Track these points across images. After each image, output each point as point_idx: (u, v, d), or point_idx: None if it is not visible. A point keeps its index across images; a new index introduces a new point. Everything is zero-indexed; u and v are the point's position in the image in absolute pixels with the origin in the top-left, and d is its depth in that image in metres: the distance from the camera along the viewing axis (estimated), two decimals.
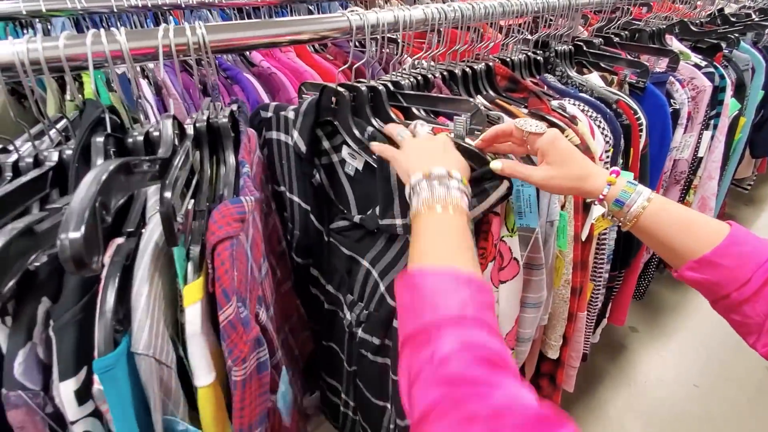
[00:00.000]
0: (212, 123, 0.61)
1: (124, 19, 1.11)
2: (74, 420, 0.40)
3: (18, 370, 0.38)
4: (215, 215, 0.46)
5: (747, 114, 1.48)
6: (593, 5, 1.09)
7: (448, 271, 0.42)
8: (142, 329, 0.40)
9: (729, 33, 1.45)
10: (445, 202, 0.48)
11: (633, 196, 0.51)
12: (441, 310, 0.38)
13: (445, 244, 0.45)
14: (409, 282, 0.42)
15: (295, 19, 0.71)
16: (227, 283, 0.44)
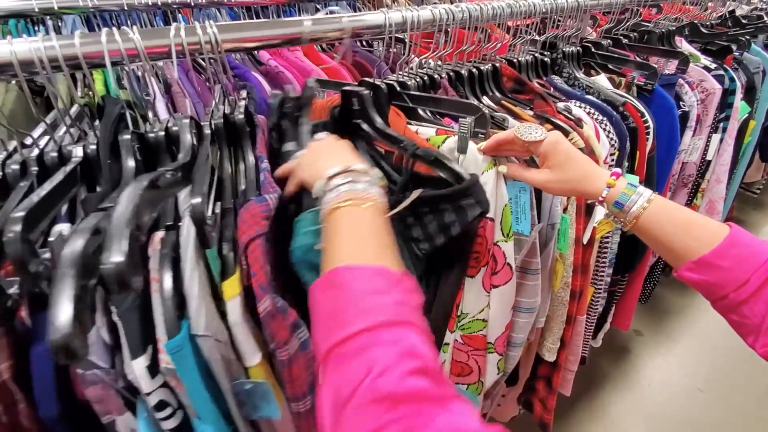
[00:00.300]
0: (229, 118, 0.62)
1: (134, 17, 1.13)
2: (149, 391, 0.45)
3: (91, 351, 0.43)
4: (244, 215, 0.48)
5: (757, 117, 1.46)
6: (602, 6, 1.09)
7: (377, 269, 0.37)
8: (200, 313, 0.45)
9: (740, 35, 1.43)
10: (368, 196, 0.45)
11: (633, 197, 0.51)
12: (373, 314, 0.34)
13: (370, 242, 0.41)
14: (333, 281, 0.37)
15: (304, 19, 0.71)
16: (263, 278, 0.46)
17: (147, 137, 0.55)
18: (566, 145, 0.57)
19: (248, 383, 0.50)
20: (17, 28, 1.13)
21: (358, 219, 0.43)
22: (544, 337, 0.84)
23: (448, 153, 0.66)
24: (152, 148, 0.56)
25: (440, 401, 0.29)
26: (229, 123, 0.62)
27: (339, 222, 0.43)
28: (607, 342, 1.37)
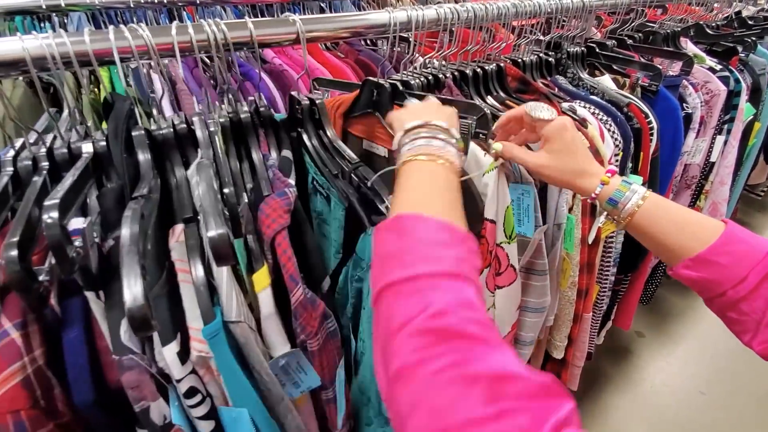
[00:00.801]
0: (233, 117, 0.63)
1: (139, 14, 1.13)
2: (180, 378, 0.46)
3: (125, 338, 0.43)
4: (266, 210, 0.49)
5: (762, 119, 1.45)
6: (607, 7, 1.08)
7: (445, 223, 0.37)
8: (231, 300, 0.46)
9: (746, 36, 1.43)
10: (442, 155, 0.45)
11: (627, 194, 0.51)
12: (436, 262, 0.34)
13: (441, 197, 0.41)
14: (399, 226, 0.38)
15: (309, 18, 0.71)
16: (292, 269, 0.48)
17: (155, 135, 0.56)
18: (573, 133, 0.56)
19: (281, 359, 0.51)
20: (23, 25, 1.13)
21: (431, 173, 0.43)
22: (552, 334, 0.85)
23: None
24: (160, 146, 0.56)
25: (493, 345, 0.30)
26: (235, 121, 0.63)
27: (412, 173, 0.44)
28: (609, 343, 1.37)
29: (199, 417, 0.49)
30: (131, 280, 0.35)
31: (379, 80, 0.73)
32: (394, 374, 0.30)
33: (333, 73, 1.12)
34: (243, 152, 0.63)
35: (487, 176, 0.61)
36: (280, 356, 0.50)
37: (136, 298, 0.34)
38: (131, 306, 0.34)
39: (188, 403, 0.48)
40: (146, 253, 0.40)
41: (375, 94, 0.73)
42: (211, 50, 0.56)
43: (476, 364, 0.28)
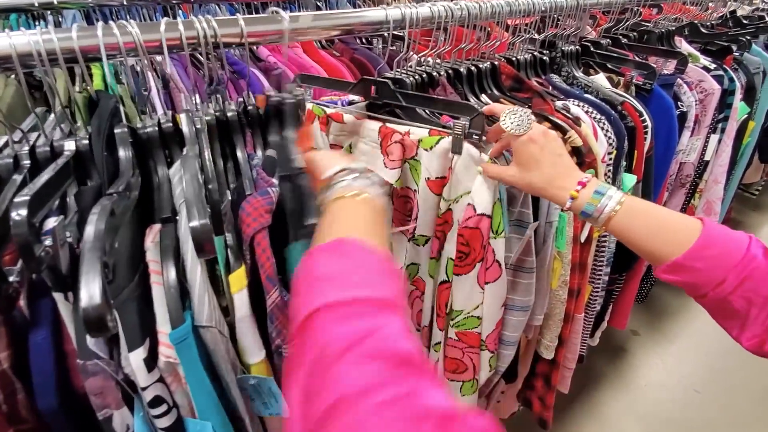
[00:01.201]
0: (219, 115, 0.62)
1: (133, 12, 1.13)
2: (145, 386, 0.44)
3: (90, 341, 0.42)
4: (247, 208, 0.48)
5: (756, 118, 1.46)
6: (601, 6, 1.09)
7: (386, 255, 0.37)
8: (203, 304, 0.44)
9: (740, 35, 1.43)
10: (369, 192, 0.45)
11: (598, 206, 0.52)
12: (382, 289, 0.33)
13: (376, 231, 0.40)
14: (341, 249, 0.36)
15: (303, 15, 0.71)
16: (270, 269, 0.47)
17: (139, 132, 0.55)
18: (537, 147, 0.56)
19: (252, 378, 0.50)
20: (18, 23, 1.13)
21: (363, 209, 0.43)
22: (542, 334, 0.85)
23: (442, 153, 0.67)
24: (144, 145, 0.55)
25: (436, 381, 0.28)
26: (221, 120, 0.61)
27: (343, 209, 0.43)
28: (604, 341, 1.37)
29: (163, 428, 0.47)
30: (89, 277, 0.33)
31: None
32: (330, 406, 0.26)
33: (328, 71, 1.12)
34: (228, 151, 0.62)
35: (481, 175, 0.63)
36: (253, 376, 0.49)
37: (93, 296, 0.33)
38: (86, 305, 0.33)
39: (153, 413, 0.46)
40: (114, 252, 0.39)
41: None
42: (200, 48, 0.55)
43: (425, 399, 0.26)
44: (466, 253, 0.65)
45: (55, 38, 0.48)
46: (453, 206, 0.67)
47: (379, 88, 0.73)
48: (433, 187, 0.69)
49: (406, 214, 0.75)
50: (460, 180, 0.65)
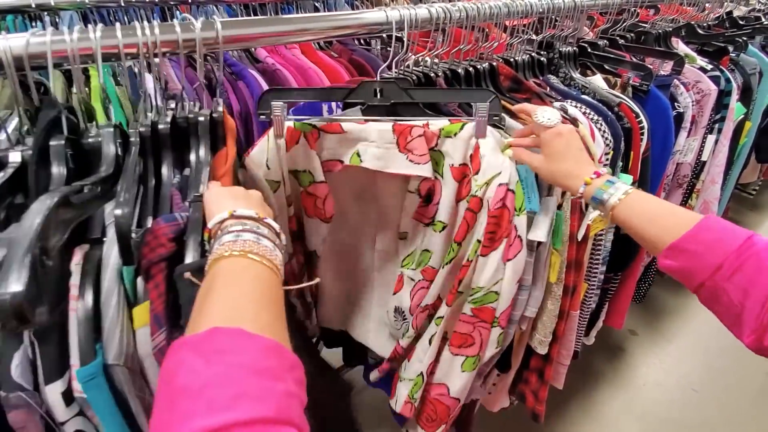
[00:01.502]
0: (154, 128, 0.57)
1: (131, 13, 1.12)
2: (64, 420, 0.41)
3: (15, 372, 0.39)
4: (147, 236, 0.44)
5: (753, 118, 1.47)
6: (599, 7, 1.09)
7: (273, 344, 0.30)
8: (113, 338, 0.40)
9: (737, 36, 1.44)
10: (259, 251, 0.38)
11: (609, 191, 0.57)
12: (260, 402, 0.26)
13: (266, 305, 0.33)
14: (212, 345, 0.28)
15: (304, 16, 0.71)
16: (159, 308, 0.42)
17: (82, 143, 0.51)
18: (562, 142, 0.62)
19: None
20: (15, 24, 1.13)
21: (250, 273, 0.35)
22: (536, 329, 0.85)
23: (466, 139, 0.69)
24: (87, 156, 0.52)
25: None
26: (154, 132, 0.57)
27: (224, 274, 0.35)
28: (602, 340, 1.38)
29: None
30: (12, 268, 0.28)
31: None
32: None
33: (326, 72, 1.12)
34: (162, 167, 0.57)
35: (506, 153, 0.68)
36: None
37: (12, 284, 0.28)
38: (4, 293, 0.28)
39: None
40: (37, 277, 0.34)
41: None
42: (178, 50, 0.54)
43: None
44: (495, 232, 0.68)
45: (49, 41, 0.47)
46: (483, 189, 0.68)
47: (384, 89, 0.70)
48: (456, 174, 0.71)
49: (424, 204, 0.77)
50: (490, 163, 0.67)
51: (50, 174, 0.46)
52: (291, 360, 0.30)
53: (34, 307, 0.30)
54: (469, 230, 0.70)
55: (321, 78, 1.09)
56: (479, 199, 0.68)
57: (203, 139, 0.58)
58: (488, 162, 0.67)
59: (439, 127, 0.70)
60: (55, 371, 0.40)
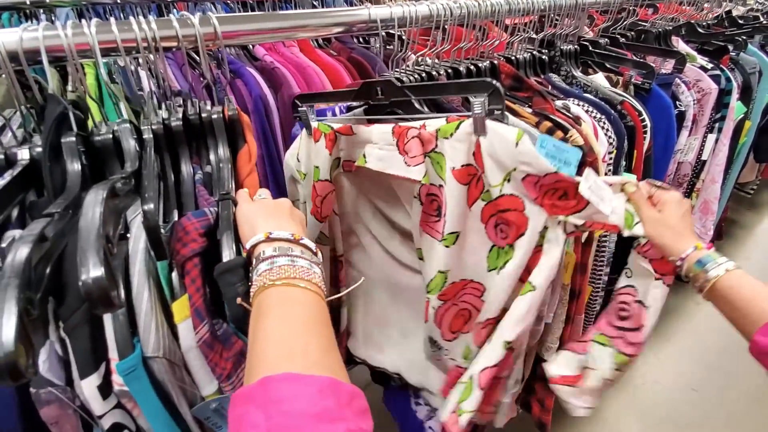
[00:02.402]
0: (167, 124, 0.58)
1: (127, 10, 1.11)
2: (101, 414, 0.41)
3: (43, 368, 0.39)
4: (179, 232, 0.45)
5: (753, 117, 1.47)
6: (599, 5, 1.08)
7: (327, 382, 0.29)
8: (149, 331, 0.41)
9: (736, 35, 1.44)
10: (301, 276, 0.37)
11: (719, 260, 0.54)
12: None
13: (315, 337, 0.33)
14: (266, 396, 0.28)
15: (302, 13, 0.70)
16: (199, 302, 0.43)
17: (92, 140, 0.52)
18: (685, 209, 0.61)
19: (213, 402, 0.46)
20: (10, 22, 1.11)
21: (291, 304, 0.35)
22: (545, 337, 0.84)
23: (465, 138, 0.62)
24: (98, 153, 0.52)
25: None
26: (168, 129, 0.58)
27: (267, 307, 0.34)
28: None
29: None
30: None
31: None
32: None
33: (325, 70, 1.11)
34: (179, 163, 0.58)
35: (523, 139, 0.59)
36: (212, 399, 0.46)
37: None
38: (88, 278, 0.30)
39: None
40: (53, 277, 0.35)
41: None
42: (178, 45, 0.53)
43: None
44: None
45: (41, 36, 0.46)
46: (505, 187, 0.63)
47: (383, 88, 0.70)
48: (460, 177, 0.64)
49: (433, 214, 0.71)
50: (501, 160, 0.61)
51: (65, 170, 0.46)
52: (348, 392, 0.29)
53: (113, 290, 0.31)
54: (516, 228, 0.65)
55: (320, 77, 1.08)
56: (503, 201, 0.63)
57: (221, 136, 0.59)
58: (497, 160, 0.61)
59: (435, 127, 0.64)
60: (90, 366, 0.40)
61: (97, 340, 0.41)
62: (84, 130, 0.53)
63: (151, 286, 0.43)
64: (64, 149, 0.47)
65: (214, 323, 0.44)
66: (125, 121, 0.53)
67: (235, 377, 0.46)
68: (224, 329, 0.45)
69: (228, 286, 0.42)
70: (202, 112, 0.59)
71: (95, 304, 0.31)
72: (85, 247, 0.31)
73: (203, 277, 0.43)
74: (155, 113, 0.59)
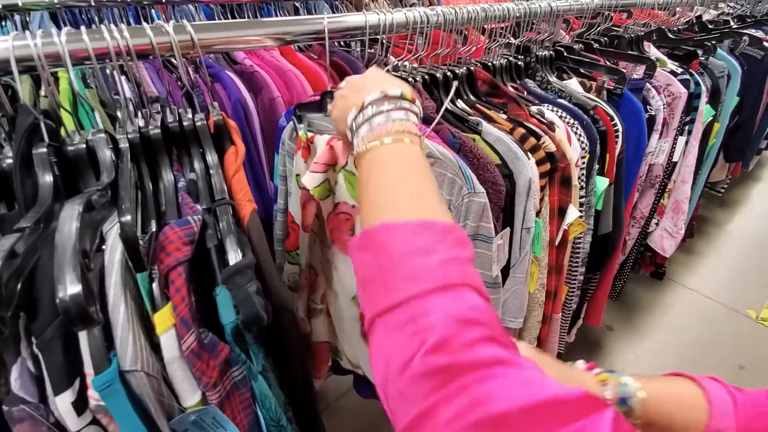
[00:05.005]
0: (143, 133, 0.57)
1: (103, 12, 1.09)
2: (76, 430, 0.41)
3: (15, 386, 0.39)
4: (162, 241, 0.44)
5: (721, 120, 1.52)
6: (574, 11, 1.11)
7: (420, 222, 0.33)
8: (126, 345, 0.40)
9: (706, 40, 1.49)
10: (406, 129, 0.39)
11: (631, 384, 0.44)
12: (419, 280, 0.30)
13: (407, 188, 0.36)
14: (370, 242, 0.33)
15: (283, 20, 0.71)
16: (185, 311, 0.43)
17: (65, 150, 0.51)
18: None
19: (191, 414, 0.46)
20: None
21: (385, 162, 0.38)
22: (522, 336, 0.86)
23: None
24: (72, 163, 0.51)
25: (509, 363, 0.26)
26: (145, 138, 0.57)
27: (367, 170, 0.38)
28: (580, 336, 1.41)
29: None
30: None
31: None
32: (409, 424, 0.26)
33: (306, 74, 1.11)
34: (158, 172, 0.57)
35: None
36: (191, 411, 0.46)
37: (74, 288, 0.30)
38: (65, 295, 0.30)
39: None
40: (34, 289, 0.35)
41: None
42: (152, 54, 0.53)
43: (498, 402, 0.23)
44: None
45: (11, 46, 0.46)
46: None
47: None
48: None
49: (349, 232, 0.73)
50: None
51: (36, 183, 0.45)
52: (441, 227, 0.33)
53: (91, 307, 0.31)
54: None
55: (301, 81, 1.08)
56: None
57: (206, 143, 0.59)
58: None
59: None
60: (64, 381, 0.40)
61: (71, 355, 0.40)
62: (56, 140, 0.52)
63: (128, 298, 0.42)
64: (35, 160, 0.46)
65: (201, 332, 0.44)
66: (100, 131, 0.52)
67: (221, 386, 0.46)
68: (210, 337, 0.45)
69: (238, 288, 0.43)
70: (183, 120, 0.59)
71: (73, 322, 0.30)
72: (62, 264, 0.31)
73: (188, 287, 0.43)
74: (131, 121, 0.58)
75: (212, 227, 0.51)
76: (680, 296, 1.94)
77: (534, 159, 0.76)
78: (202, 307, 0.47)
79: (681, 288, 1.98)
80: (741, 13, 2.01)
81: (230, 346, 0.47)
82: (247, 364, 0.49)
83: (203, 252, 0.49)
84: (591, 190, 0.95)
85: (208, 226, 0.50)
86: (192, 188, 0.56)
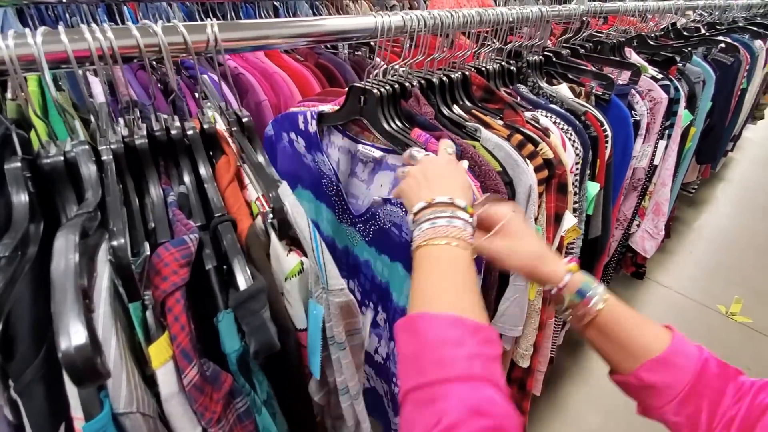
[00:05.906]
0: (128, 143, 0.52)
1: (73, 9, 1.02)
2: None
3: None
4: (157, 264, 0.40)
5: (697, 124, 1.57)
6: (563, 17, 1.12)
7: (454, 318, 0.38)
8: (119, 384, 0.36)
9: (683, 47, 1.53)
10: (449, 234, 0.45)
11: (595, 288, 0.47)
12: (446, 367, 0.35)
13: (448, 286, 0.41)
14: (411, 326, 0.39)
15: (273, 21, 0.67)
16: (185, 342, 0.39)
17: (40, 164, 0.45)
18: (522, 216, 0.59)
19: None
20: None
21: (437, 259, 0.44)
22: (519, 343, 0.86)
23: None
24: (48, 178, 0.46)
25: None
26: (130, 148, 0.52)
27: (420, 262, 0.44)
28: (565, 337, 1.43)
29: None
30: None
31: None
32: None
33: (292, 77, 1.07)
34: (144, 185, 0.53)
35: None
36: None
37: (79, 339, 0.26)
38: (70, 347, 0.26)
39: None
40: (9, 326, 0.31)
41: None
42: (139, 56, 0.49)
43: None
44: None
45: None
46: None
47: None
48: None
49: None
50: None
51: (10, 203, 0.40)
52: (473, 325, 0.37)
53: (98, 358, 0.27)
54: None
55: (287, 83, 1.04)
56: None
57: (198, 153, 0.55)
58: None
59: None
60: (47, 428, 0.36)
61: (56, 398, 0.36)
62: (29, 152, 0.46)
63: (119, 329, 0.38)
64: (8, 177, 0.41)
65: (202, 363, 0.41)
66: (82, 142, 0.47)
67: (225, 421, 0.42)
68: (212, 368, 0.41)
69: (252, 314, 0.41)
70: (170, 128, 0.54)
71: (80, 378, 0.27)
72: (62, 309, 0.27)
73: (187, 314, 0.40)
74: (113, 130, 0.53)
75: (209, 246, 0.47)
76: (655, 293, 2.01)
77: (532, 166, 0.75)
78: (198, 334, 0.43)
79: (656, 285, 2.04)
80: (711, 21, 2.09)
81: (234, 376, 0.43)
82: (252, 396, 0.45)
83: (198, 274, 0.45)
84: (583, 195, 0.96)
85: (205, 245, 0.46)
86: (183, 202, 0.52)
